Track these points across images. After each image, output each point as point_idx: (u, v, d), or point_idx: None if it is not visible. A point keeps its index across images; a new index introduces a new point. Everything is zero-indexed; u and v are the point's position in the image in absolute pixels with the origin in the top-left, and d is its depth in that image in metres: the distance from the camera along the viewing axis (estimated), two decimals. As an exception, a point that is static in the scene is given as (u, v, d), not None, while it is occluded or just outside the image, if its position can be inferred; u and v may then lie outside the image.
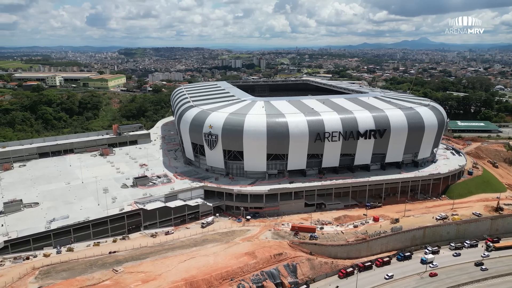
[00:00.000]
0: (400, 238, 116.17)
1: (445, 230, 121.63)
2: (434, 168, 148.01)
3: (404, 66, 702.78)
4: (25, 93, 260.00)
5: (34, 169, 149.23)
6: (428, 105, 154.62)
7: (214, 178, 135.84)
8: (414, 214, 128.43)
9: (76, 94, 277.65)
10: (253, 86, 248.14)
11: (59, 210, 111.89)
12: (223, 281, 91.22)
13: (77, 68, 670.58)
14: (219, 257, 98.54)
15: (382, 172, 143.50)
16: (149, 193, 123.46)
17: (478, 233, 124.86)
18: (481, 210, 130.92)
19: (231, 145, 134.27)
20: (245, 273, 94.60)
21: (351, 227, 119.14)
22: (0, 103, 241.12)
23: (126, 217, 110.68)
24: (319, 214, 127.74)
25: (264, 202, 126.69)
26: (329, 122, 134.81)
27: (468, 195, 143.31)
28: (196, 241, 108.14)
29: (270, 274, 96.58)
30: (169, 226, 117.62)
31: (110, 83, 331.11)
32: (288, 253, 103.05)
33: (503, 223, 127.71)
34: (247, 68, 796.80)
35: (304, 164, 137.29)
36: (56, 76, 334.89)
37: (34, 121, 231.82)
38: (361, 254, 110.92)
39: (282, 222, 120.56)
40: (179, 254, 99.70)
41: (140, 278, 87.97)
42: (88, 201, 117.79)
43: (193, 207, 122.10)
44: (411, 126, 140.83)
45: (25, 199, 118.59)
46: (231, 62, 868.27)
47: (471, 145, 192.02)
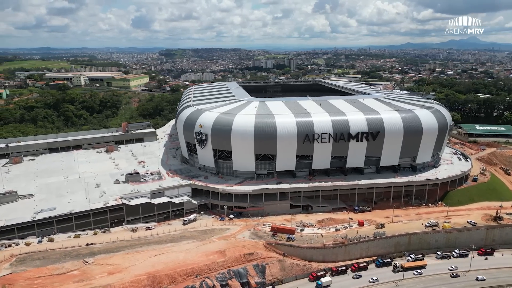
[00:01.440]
0: (383, 244, 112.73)
1: (433, 238, 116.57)
2: (434, 173, 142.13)
3: (442, 67, 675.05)
4: (50, 92, 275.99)
5: (41, 163, 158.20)
6: (430, 107, 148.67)
7: (203, 176, 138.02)
8: (403, 220, 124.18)
9: (98, 93, 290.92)
10: (265, 86, 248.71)
11: (50, 202, 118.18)
12: (188, 278, 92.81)
13: (115, 69, 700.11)
14: (189, 254, 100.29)
15: (377, 175, 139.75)
16: (138, 189, 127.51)
17: (471, 243, 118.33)
18: (478, 219, 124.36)
19: (220, 145, 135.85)
20: (211, 270, 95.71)
21: (333, 230, 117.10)
22: (26, 101, 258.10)
23: (109, 211, 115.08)
24: (304, 216, 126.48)
25: (248, 202, 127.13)
26: (319, 123, 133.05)
27: (469, 203, 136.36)
28: (173, 238, 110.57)
29: (237, 273, 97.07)
30: (152, 222, 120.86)
31: (131, 82, 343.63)
32: (260, 253, 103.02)
33: (500, 233, 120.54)
34: (277, 68, 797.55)
35: (293, 165, 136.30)
36: (81, 76, 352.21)
37: (56, 118, 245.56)
38: (338, 258, 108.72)
39: (264, 223, 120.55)
40: (152, 249, 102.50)
41: (106, 270, 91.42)
42: (78, 195, 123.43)
43: (177, 204, 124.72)
44: (408, 129, 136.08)
45: (23, 191, 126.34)
46: (263, 63, 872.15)
47: (485, 150, 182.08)
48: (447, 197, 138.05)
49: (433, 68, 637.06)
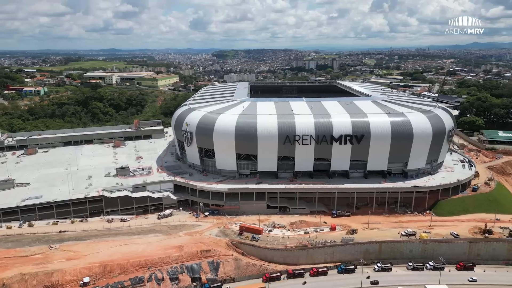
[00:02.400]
0: (350, 250, 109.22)
1: (407, 248, 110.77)
2: (426, 180, 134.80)
3: (502, 68, 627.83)
4: (82, 90, 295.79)
5: (51, 155, 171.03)
6: (428, 111, 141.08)
7: (189, 174, 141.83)
8: (381, 227, 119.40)
9: (126, 91, 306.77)
10: (280, 87, 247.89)
11: (40, 191, 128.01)
12: (140, 269, 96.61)
13: (164, 69, 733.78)
14: (149, 247, 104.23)
15: (363, 180, 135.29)
16: (123, 182, 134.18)
17: (452, 256, 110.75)
18: (464, 231, 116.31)
19: (204, 143, 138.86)
20: (164, 264, 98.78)
21: (302, 233, 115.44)
22: (60, 98, 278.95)
23: (88, 202, 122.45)
24: (279, 217, 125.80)
25: (225, 200, 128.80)
26: (300, 124, 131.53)
27: (462, 213, 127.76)
28: (143, 230, 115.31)
29: (190, 268, 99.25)
30: (131, 214, 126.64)
31: (159, 82, 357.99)
32: (218, 250, 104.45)
33: (486, 248, 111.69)
34: (319, 69, 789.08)
35: (275, 166, 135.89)
36: (113, 75, 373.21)
37: (84, 115, 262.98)
38: (300, 261, 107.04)
39: (236, 222, 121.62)
40: (117, 240, 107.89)
41: (66, 256, 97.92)
42: (67, 186, 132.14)
43: (156, 199, 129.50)
44: (396, 134, 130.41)
45: (22, 180, 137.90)
46: (306, 63, 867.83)
47: (501, 158, 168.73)
48: (437, 206, 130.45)
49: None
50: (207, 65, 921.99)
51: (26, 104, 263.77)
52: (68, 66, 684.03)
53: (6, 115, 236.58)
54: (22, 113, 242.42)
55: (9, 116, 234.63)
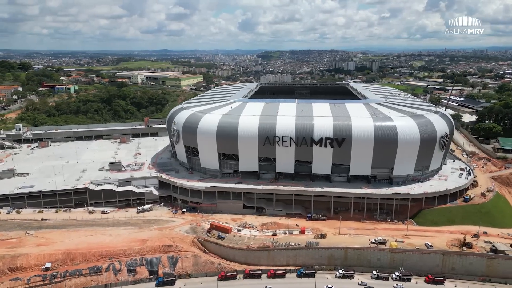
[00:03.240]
0: (314, 254, 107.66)
1: (375, 256, 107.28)
2: (412, 187, 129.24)
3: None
4: (107, 88, 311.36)
5: (61, 148, 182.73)
6: (420, 116, 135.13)
7: (175, 171, 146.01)
8: (354, 233, 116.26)
9: (149, 90, 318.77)
10: (293, 89, 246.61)
11: (35, 181, 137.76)
12: (101, 259, 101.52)
13: (204, 69, 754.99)
14: (117, 239, 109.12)
15: (345, 184, 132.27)
16: (112, 177, 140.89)
17: (424, 268, 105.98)
18: (442, 243, 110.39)
19: (189, 142, 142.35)
20: (126, 255, 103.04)
21: (270, 234, 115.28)
22: (86, 96, 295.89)
23: (73, 194, 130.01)
24: (254, 217, 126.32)
25: (202, 198, 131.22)
26: (281, 126, 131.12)
27: (446, 224, 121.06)
28: (118, 223, 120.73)
29: (149, 261, 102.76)
30: (114, 207, 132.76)
31: (182, 82, 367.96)
32: (180, 246, 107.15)
33: (462, 262, 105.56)
34: (357, 70, 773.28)
35: (256, 166, 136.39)
36: (139, 75, 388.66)
37: (106, 112, 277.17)
38: (261, 262, 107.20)
39: (209, 220, 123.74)
40: (90, 230, 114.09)
41: (38, 242, 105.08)
42: (61, 177, 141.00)
43: (138, 193, 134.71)
44: (379, 138, 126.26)
45: (25, 170, 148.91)
46: (344, 65, 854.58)
47: (510, 169, 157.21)
48: (419, 215, 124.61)
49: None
50: (250, 66, 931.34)
51: (55, 101, 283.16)
52: (117, 66, 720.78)
53: (34, 110, 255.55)
54: (49, 109, 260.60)
55: (36, 111, 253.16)
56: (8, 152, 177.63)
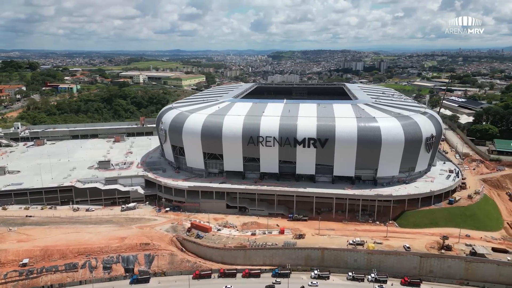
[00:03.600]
0: (290, 254, 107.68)
1: (352, 257, 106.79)
2: (396, 189, 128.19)
3: None
4: (109, 88, 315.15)
5: (55, 147, 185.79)
6: (406, 117, 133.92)
7: (162, 170, 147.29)
8: (334, 234, 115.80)
9: (150, 90, 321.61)
10: (290, 89, 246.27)
11: (25, 178, 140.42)
12: (78, 256, 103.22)
13: (213, 69, 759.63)
14: (96, 236, 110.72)
15: (329, 185, 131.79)
16: (100, 175, 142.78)
17: (401, 270, 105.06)
18: (421, 245, 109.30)
19: (176, 141, 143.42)
20: (103, 253, 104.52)
21: (249, 234, 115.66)
22: (88, 95, 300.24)
23: (59, 191, 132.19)
24: (235, 217, 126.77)
25: (186, 197, 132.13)
26: (265, 126, 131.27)
27: (429, 226, 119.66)
28: (100, 220, 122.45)
29: (126, 259, 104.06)
30: (99, 205, 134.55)
31: (184, 82, 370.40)
32: (157, 245, 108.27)
33: (440, 264, 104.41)
34: (366, 71, 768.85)
35: (241, 166, 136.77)
36: (140, 75, 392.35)
37: (106, 111, 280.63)
38: (237, 261, 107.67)
39: (191, 218, 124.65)
40: (72, 227, 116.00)
41: (19, 238, 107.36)
42: (50, 175, 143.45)
43: (124, 192, 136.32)
44: (362, 139, 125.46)
45: (17, 168, 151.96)
46: (353, 65, 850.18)
47: (502, 171, 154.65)
48: (402, 216, 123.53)
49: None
50: (260, 66, 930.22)
51: (56, 100, 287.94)
52: (127, 66, 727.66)
53: (35, 109, 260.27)
54: (50, 108, 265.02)
55: (37, 110, 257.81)
56: (4, 150, 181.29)
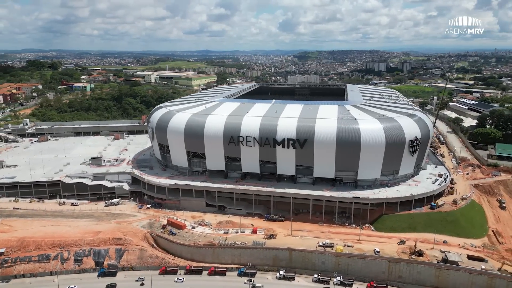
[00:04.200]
0: (258, 254, 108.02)
1: (320, 259, 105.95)
2: (377, 192, 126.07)
3: None
4: (120, 87, 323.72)
5: (57, 143, 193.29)
6: (390, 119, 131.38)
7: (149, 167, 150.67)
8: (307, 235, 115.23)
9: (160, 90, 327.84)
10: (293, 90, 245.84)
11: (19, 172, 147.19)
12: (53, 247, 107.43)
13: (234, 70, 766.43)
14: (73, 230, 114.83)
15: (310, 186, 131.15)
16: (90, 171, 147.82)
17: (370, 274, 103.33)
18: (392, 250, 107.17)
19: (162, 139, 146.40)
20: (76, 246, 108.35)
21: (222, 232, 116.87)
22: (100, 94, 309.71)
23: (48, 186, 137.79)
24: (213, 216, 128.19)
25: (167, 195, 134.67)
26: (246, 126, 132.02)
27: (407, 231, 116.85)
28: (82, 215, 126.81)
29: (97, 253, 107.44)
30: (86, 200, 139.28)
31: (194, 82, 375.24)
32: (129, 240, 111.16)
33: (410, 270, 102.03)
34: (388, 71, 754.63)
35: (223, 165, 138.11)
36: (152, 74, 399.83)
37: (116, 109, 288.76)
38: (206, 259, 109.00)
39: (170, 216, 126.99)
40: (53, 220, 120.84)
41: (1, 229, 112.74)
42: (42, 169, 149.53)
43: (109, 188, 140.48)
44: (341, 140, 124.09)
45: (16, 162, 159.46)
46: (375, 65, 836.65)
47: (497, 177, 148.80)
48: (379, 220, 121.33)
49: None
50: (285, 66, 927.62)
51: (69, 98, 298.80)
52: (152, 66, 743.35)
53: (48, 107, 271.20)
54: (61, 106, 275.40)
55: (49, 108, 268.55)
56: (10, 145, 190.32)
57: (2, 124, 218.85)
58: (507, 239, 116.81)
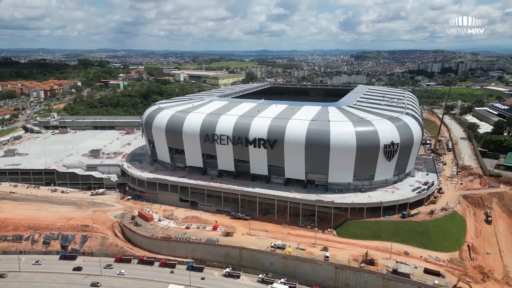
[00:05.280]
0: (210, 250, 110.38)
1: (268, 260, 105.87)
2: (346, 196, 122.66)
3: None
4: (148, 85, 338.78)
5: (74, 135, 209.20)
6: (365, 122, 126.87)
7: (139, 161, 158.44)
8: (266, 235, 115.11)
9: (187, 88, 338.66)
10: (307, 90, 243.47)
11: (25, 160, 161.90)
12: (28, 229, 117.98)
13: (281, 70, 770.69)
14: (52, 215, 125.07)
15: (282, 187, 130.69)
16: (85, 162, 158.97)
17: (317, 279, 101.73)
18: (345, 257, 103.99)
19: (149, 135, 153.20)
20: (48, 229, 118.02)
21: (184, 227, 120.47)
22: (130, 91, 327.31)
23: (44, 173, 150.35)
24: (184, 210, 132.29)
25: (146, 188, 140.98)
26: (221, 124, 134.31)
27: (370, 238, 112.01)
28: (66, 202, 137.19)
29: (65, 237, 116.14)
30: (77, 188, 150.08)
31: (220, 81, 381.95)
32: (96, 227, 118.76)
33: (357, 278, 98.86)
34: (442, 72, 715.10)
35: (200, 162, 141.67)
36: (181, 73, 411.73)
37: (142, 106, 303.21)
38: (162, 251, 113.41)
39: (144, 208, 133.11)
40: (38, 205, 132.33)
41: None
42: (45, 158, 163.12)
43: (98, 178, 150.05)
44: (310, 142, 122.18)
45: (28, 151, 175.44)
46: (428, 66, 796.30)
47: (494, 188, 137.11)
48: (343, 226, 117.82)
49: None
50: (339, 66, 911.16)
51: (101, 95, 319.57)
52: (211, 65, 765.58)
53: (81, 102, 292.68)
54: (93, 102, 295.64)
55: (81, 103, 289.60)
56: (33, 135, 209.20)
57: (34, 117, 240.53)
58: (480, 256, 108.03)
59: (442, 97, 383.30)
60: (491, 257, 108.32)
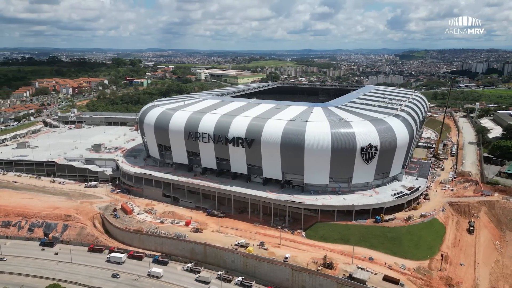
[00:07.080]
0: (178, 245, 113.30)
1: (229, 258, 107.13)
2: (320, 198, 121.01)
3: None
4: (169, 83, 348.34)
5: (86, 130, 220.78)
6: (344, 123, 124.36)
7: (133, 157, 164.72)
8: (234, 233, 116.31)
9: (207, 86, 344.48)
10: (316, 90, 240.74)
11: (33, 152, 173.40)
12: (17, 216, 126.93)
13: (316, 69, 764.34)
14: (41, 204, 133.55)
15: (261, 186, 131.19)
16: (86, 155, 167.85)
17: (275, 279, 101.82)
18: (305, 259, 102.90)
19: (142, 132, 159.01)
20: (35, 217, 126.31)
21: (158, 221, 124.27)
22: (151, 89, 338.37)
23: (45, 165, 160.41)
24: (164, 205, 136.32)
25: (133, 182, 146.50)
26: (204, 123, 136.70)
27: (337, 242, 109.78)
28: (60, 192, 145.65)
29: (48, 225, 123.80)
30: (75, 180, 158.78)
31: (240, 80, 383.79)
32: (77, 217, 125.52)
33: (312, 281, 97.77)
34: (486, 73, 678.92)
35: (186, 159, 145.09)
36: (202, 72, 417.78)
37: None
38: (133, 243, 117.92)
39: (127, 201, 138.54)
40: (33, 194, 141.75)
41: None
42: (51, 151, 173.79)
43: (93, 171, 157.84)
44: (285, 142, 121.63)
45: (40, 144, 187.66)
46: (473, 66, 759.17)
47: (487, 196, 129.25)
48: (312, 227, 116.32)
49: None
50: (380, 65, 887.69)
51: (123, 92, 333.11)
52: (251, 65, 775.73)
53: (104, 99, 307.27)
54: (115, 99, 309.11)
55: (104, 100, 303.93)
56: (50, 129, 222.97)
57: (56, 112, 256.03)
58: (452, 266, 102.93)
59: (479, 99, 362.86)
60: (464, 268, 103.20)
